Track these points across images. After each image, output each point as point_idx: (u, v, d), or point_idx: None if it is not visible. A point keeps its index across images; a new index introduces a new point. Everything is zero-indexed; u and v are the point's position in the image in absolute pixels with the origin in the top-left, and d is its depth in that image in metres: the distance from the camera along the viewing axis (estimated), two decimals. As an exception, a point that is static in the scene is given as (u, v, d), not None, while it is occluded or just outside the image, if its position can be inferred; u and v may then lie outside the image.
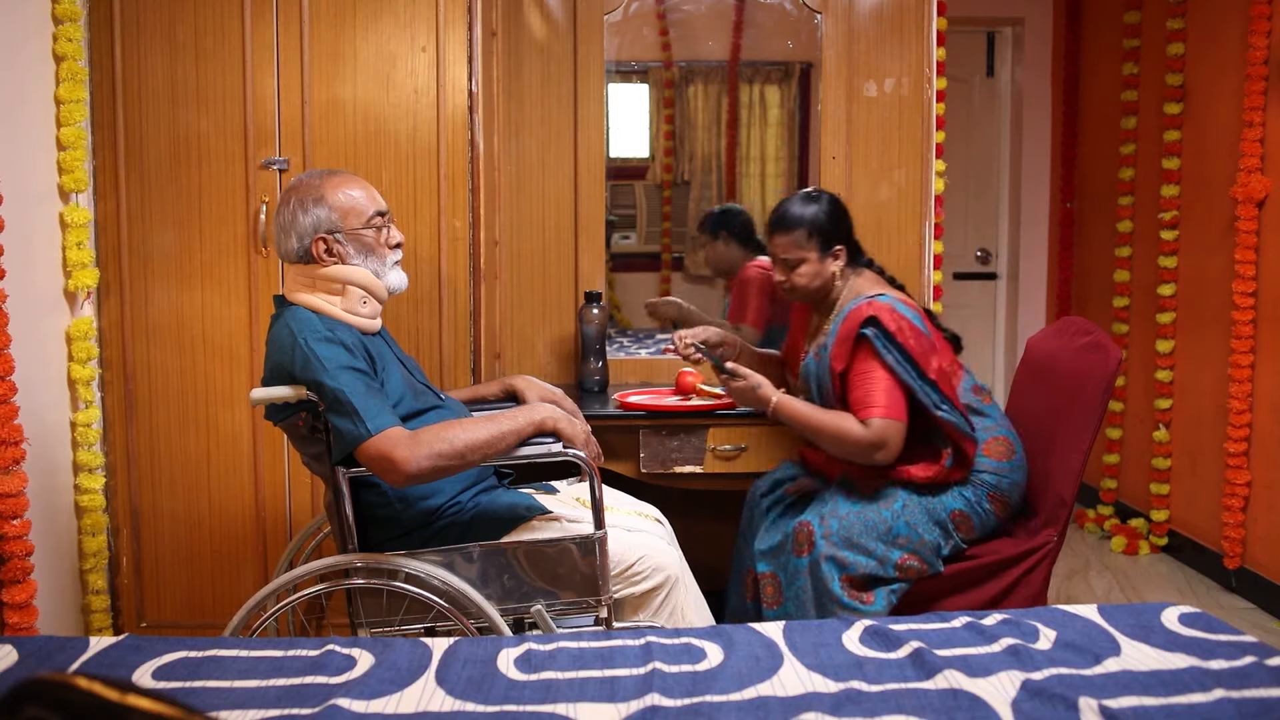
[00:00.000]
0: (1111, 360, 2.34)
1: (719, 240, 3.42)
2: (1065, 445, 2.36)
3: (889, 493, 2.35)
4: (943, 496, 2.35)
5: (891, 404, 2.28)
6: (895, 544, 2.31)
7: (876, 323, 2.30)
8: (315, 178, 2.08)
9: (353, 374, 1.93)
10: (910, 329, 2.31)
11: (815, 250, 2.42)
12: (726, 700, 1.45)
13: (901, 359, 2.29)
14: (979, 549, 2.39)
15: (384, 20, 2.64)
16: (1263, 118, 3.25)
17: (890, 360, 2.29)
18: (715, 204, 3.58)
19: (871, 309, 2.31)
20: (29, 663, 1.58)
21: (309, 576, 2.04)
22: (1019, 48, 4.72)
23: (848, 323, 2.34)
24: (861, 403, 2.30)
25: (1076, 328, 2.53)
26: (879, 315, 2.30)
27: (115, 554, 2.70)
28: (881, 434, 2.26)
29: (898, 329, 2.29)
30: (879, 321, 2.30)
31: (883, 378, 2.29)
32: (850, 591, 2.28)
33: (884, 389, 2.28)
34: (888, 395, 2.28)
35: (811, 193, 2.48)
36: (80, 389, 2.60)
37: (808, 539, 2.31)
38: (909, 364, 2.29)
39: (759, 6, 3.36)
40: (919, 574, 2.33)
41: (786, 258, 2.44)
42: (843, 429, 2.29)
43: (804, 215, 2.42)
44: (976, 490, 2.36)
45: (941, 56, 3.13)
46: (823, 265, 2.43)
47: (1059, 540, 2.37)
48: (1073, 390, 2.40)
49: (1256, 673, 1.49)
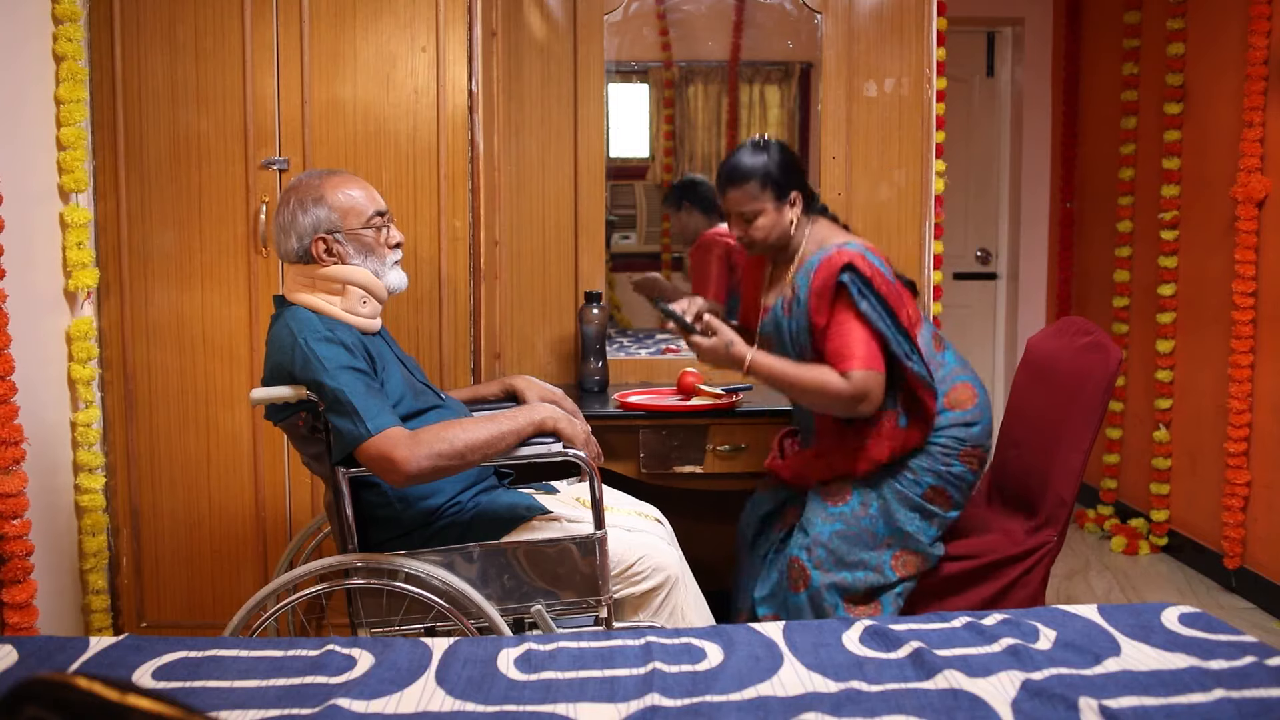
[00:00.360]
0: (1112, 360, 2.34)
1: (681, 211, 3.41)
2: (1066, 445, 2.36)
3: (861, 496, 2.32)
4: (911, 479, 2.30)
5: (870, 354, 2.21)
6: (883, 546, 2.29)
7: (854, 269, 2.22)
8: (315, 178, 2.08)
9: (353, 374, 1.93)
10: (882, 277, 2.24)
11: (770, 200, 2.33)
12: (726, 700, 1.45)
13: (879, 306, 2.22)
14: (978, 547, 2.39)
15: (384, 20, 2.64)
16: (1263, 118, 3.25)
17: (866, 308, 2.21)
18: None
19: (845, 256, 2.23)
20: (29, 663, 1.58)
21: (309, 576, 2.04)
22: (1019, 48, 4.72)
23: (822, 272, 2.25)
24: (839, 354, 2.22)
25: (1077, 328, 2.53)
26: (855, 263, 2.22)
27: (115, 554, 2.70)
28: (863, 385, 2.19)
29: (873, 275, 2.23)
30: (855, 268, 2.22)
31: (859, 328, 2.22)
32: (855, 610, 2.27)
33: (861, 339, 2.21)
34: (865, 346, 2.21)
35: (759, 141, 2.37)
36: (80, 389, 2.60)
37: (801, 574, 2.30)
38: (886, 312, 2.22)
39: (759, 6, 3.36)
40: (920, 568, 2.31)
41: (742, 211, 2.35)
42: (823, 382, 2.21)
43: (755, 165, 2.32)
44: (945, 454, 2.30)
45: (941, 56, 3.13)
46: (780, 215, 2.34)
47: (1059, 540, 2.37)
48: (1073, 390, 2.40)
49: (1256, 673, 1.49)
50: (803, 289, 2.30)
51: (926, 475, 2.31)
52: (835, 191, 3.16)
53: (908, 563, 2.30)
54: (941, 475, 2.31)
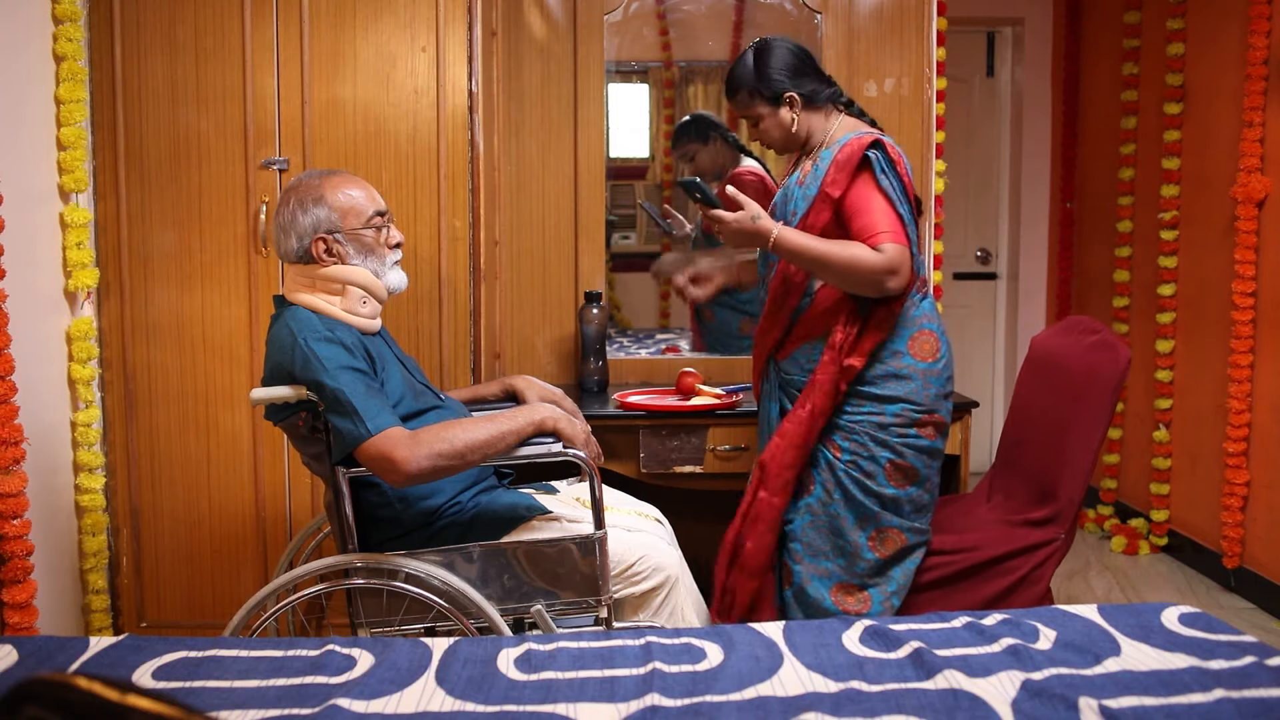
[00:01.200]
0: (1121, 359, 2.34)
1: (709, 144, 3.34)
2: (1075, 444, 2.36)
3: (823, 485, 2.28)
4: (867, 458, 2.25)
5: (897, 228, 2.17)
6: (855, 529, 2.26)
7: (881, 148, 2.22)
8: (315, 178, 2.09)
9: (352, 374, 1.93)
10: (904, 167, 2.25)
11: (764, 104, 2.34)
12: (726, 700, 1.45)
13: (899, 190, 2.21)
14: (980, 541, 2.38)
15: (384, 20, 2.64)
16: (1263, 118, 3.25)
17: (886, 185, 2.20)
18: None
19: (875, 138, 2.24)
20: (29, 663, 1.58)
21: (309, 576, 2.04)
22: (1019, 48, 4.72)
23: (849, 147, 2.23)
24: (869, 229, 2.17)
25: (1084, 326, 2.53)
26: (882, 144, 2.23)
27: (115, 554, 2.70)
28: (896, 259, 2.14)
29: (897, 160, 2.23)
30: (883, 148, 2.23)
31: (883, 202, 2.19)
32: (847, 601, 2.27)
33: (887, 213, 2.18)
34: (892, 220, 2.18)
35: (751, 46, 2.37)
36: (80, 389, 2.60)
37: (785, 571, 2.30)
38: (904, 198, 2.22)
39: (759, 6, 3.36)
40: (903, 544, 2.27)
41: (745, 117, 2.40)
42: (855, 256, 2.14)
43: (742, 75, 2.34)
44: (901, 428, 2.25)
45: (941, 56, 3.13)
46: (778, 116, 2.34)
47: (1067, 539, 2.37)
48: (1081, 389, 2.40)
49: (1256, 673, 1.49)
50: (825, 160, 2.28)
51: (883, 452, 2.25)
52: (835, 191, 3.16)
53: (886, 541, 2.26)
54: (897, 450, 2.26)
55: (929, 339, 2.29)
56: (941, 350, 2.31)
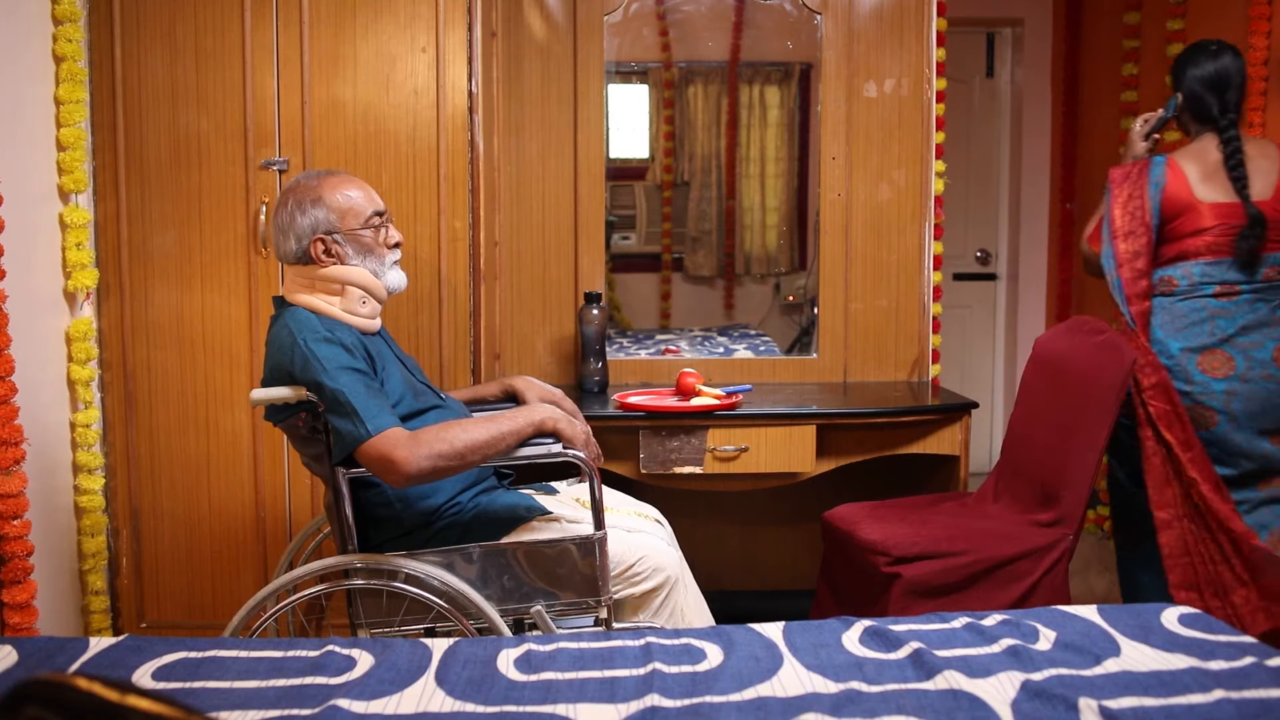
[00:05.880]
0: (1125, 359, 2.35)
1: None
2: (1081, 444, 2.37)
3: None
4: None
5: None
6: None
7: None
8: (312, 179, 2.08)
9: (352, 374, 1.93)
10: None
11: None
12: (726, 701, 1.45)
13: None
14: (989, 541, 2.39)
15: (384, 21, 2.64)
16: (1263, 118, 3.24)
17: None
18: (715, 205, 3.58)
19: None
20: (29, 663, 1.58)
21: (309, 577, 2.04)
22: (1019, 48, 4.72)
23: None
24: None
25: (1089, 327, 2.53)
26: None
27: (115, 554, 2.70)
28: None
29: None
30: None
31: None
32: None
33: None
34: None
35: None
36: (80, 389, 2.60)
37: None
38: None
39: (759, 7, 3.37)
40: None
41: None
42: None
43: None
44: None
45: (941, 57, 3.13)
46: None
47: (1075, 539, 2.38)
48: (1087, 389, 2.40)
49: (1256, 673, 1.49)
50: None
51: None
52: (835, 191, 3.17)
53: None
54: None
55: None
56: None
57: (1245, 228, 2.52)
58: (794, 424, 2.74)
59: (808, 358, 3.25)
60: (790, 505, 3.27)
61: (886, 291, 3.21)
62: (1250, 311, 2.52)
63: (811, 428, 2.74)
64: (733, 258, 3.60)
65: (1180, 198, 2.59)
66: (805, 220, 3.53)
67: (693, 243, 3.57)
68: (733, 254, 3.60)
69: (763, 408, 2.77)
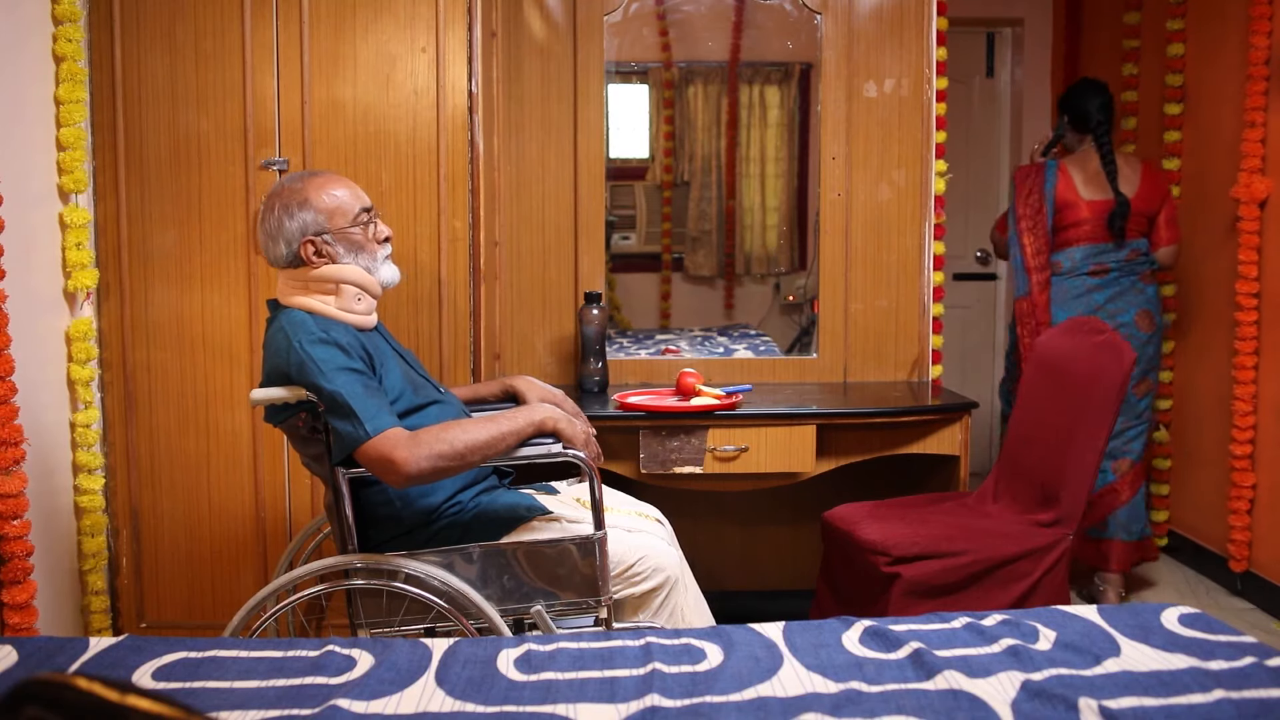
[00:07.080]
0: (1125, 360, 2.36)
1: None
2: (1080, 444, 2.37)
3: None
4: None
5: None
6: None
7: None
8: (296, 181, 2.08)
9: (350, 375, 1.92)
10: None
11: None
12: (726, 701, 1.45)
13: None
14: (990, 541, 2.39)
15: (384, 21, 2.64)
16: (1264, 118, 3.25)
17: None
18: (715, 205, 3.58)
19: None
20: (29, 663, 1.58)
21: (309, 577, 2.04)
22: (1019, 48, 4.72)
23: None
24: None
25: (1089, 327, 2.54)
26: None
27: (115, 554, 2.70)
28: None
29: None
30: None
31: None
32: None
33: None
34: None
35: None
36: (80, 389, 2.60)
37: None
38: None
39: (759, 7, 3.36)
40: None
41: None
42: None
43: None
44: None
45: (941, 57, 3.13)
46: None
47: (1074, 539, 2.39)
48: (1087, 389, 2.41)
49: (1256, 673, 1.49)
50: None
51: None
52: (835, 191, 3.17)
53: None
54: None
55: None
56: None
57: (1114, 209, 3.25)
58: (794, 424, 2.74)
59: (808, 358, 3.25)
60: (790, 505, 3.27)
61: (886, 291, 3.21)
62: (1116, 285, 3.30)
63: (811, 428, 2.74)
64: (733, 258, 3.60)
65: (1067, 197, 3.31)
66: (805, 220, 3.53)
67: (693, 243, 3.57)
68: (733, 254, 3.60)
69: (763, 408, 2.77)
